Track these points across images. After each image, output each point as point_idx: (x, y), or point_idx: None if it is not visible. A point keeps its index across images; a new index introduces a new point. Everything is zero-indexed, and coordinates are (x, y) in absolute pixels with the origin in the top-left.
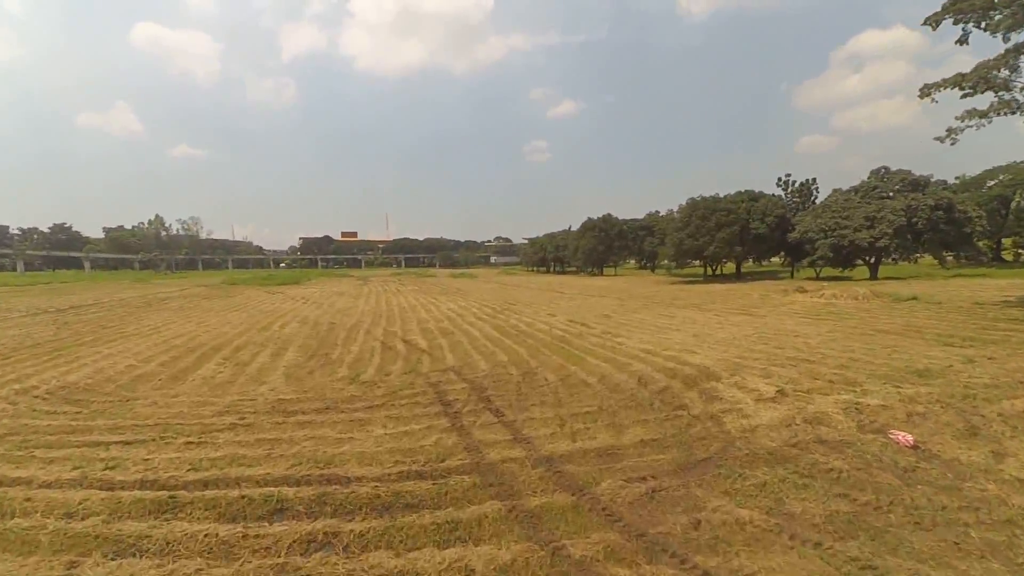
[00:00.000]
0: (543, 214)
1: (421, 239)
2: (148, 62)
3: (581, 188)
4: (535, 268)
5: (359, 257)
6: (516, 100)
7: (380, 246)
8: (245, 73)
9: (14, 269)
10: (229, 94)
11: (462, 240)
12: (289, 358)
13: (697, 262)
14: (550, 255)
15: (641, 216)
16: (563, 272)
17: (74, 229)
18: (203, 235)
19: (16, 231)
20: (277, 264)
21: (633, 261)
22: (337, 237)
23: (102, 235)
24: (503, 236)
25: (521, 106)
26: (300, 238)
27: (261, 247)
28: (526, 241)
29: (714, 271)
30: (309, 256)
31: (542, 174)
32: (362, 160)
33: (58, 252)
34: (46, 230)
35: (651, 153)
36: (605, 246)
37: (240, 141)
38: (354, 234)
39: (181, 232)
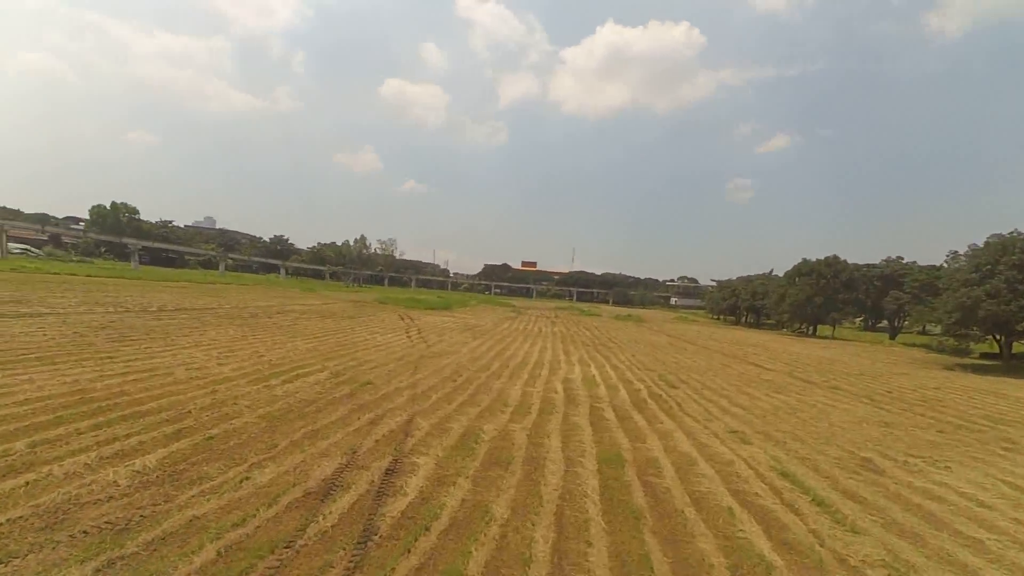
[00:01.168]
0: (737, 256)
1: (599, 273)
2: (391, 111)
3: (787, 230)
4: (721, 317)
5: (531, 286)
6: (721, 136)
7: (555, 277)
8: (465, 119)
9: (235, 269)
10: (450, 137)
11: (641, 277)
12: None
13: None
14: (743, 303)
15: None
16: (758, 326)
17: (289, 241)
18: (397, 255)
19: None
20: (456, 286)
21: (858, 320)
22: (517, 266)
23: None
24: (688, 276)
25: (726, 143)
26: (484, 264)
27: (448, 270)
28: (714, 283)
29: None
30: (486, 282)
31: (742, 213)
32: (556, 195)
33: (270, 259)
34: (267, 239)
35: (882, 191)
36: (824, 297)
37: (453, 178)
38: (533, 264)
39: (379, 251)
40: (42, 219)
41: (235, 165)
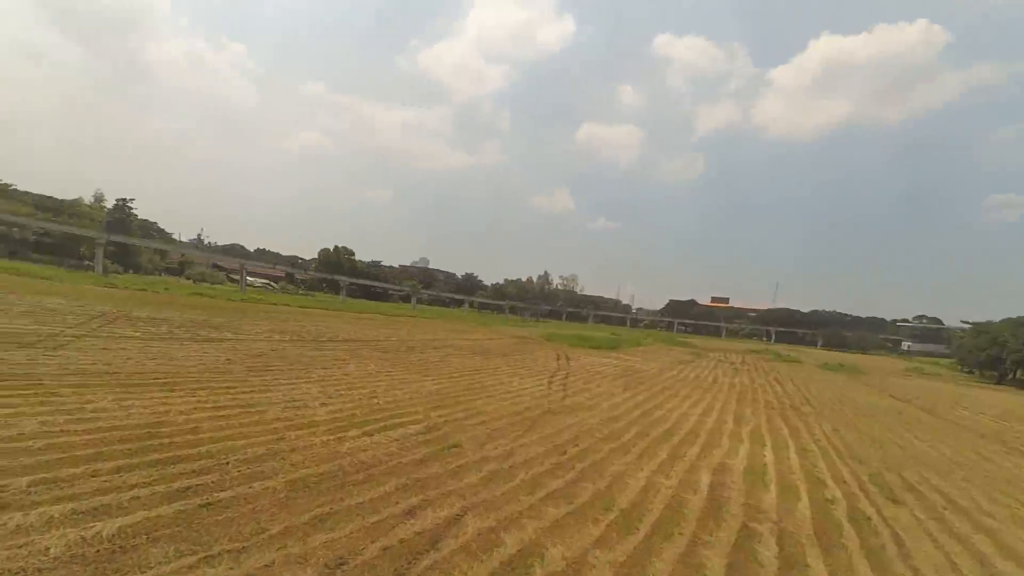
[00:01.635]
0: (1000, 290)
1: (805, 311)
2: (585, 153)
3: None
4: (976, 371)
5: (721, 324)
6: (973, 145)
7: (751, 314)
8: (658, 154)
9: (429, 303)
10: (642, 173)
11: (862, 316)
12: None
13: None
14: (1012, 354)
15: None
16: None
17: (478, 277)
18: (578, 290)
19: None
20: (636, 323)
21: None
22: (705, 301)
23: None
24: (927, 316)
25: (980, 152)
26: (669, 300)
27: (629, 305)
28: (966, 326)
29: None
30: (669, 319)
31: (1007, 236)
32: (756, 226)
33: (457, 295)
34: (460, 276)
35: None
36: None
37: (643, 213)
38: (725, 300)
39: (560, 287)
40: (275, 258)
41: (446, 213)
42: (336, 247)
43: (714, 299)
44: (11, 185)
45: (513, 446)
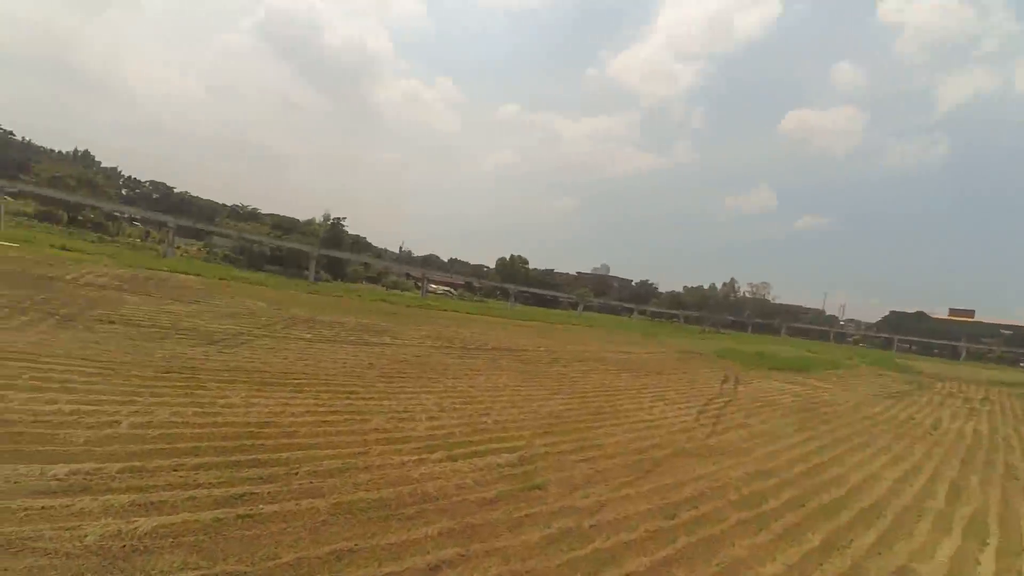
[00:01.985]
0: None
1: None
2: (790, 145)
3: None
4: None
5: (961, 344)
6: None
7: (1005, 332)
8: (886, 138)
9: (599, 311)
10: (864, 162)
11: None
12: None
13: None
14: None
15: None
16: None
17: (654, 284)
18: (770, 298)
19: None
20: (843, 338)
21: None
22: (939, 314)
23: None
24: None
25: None
26: (890, 311)
27: (836, 317)
28: None
29: None
30: (887, 334)
31: None
32: (1015, 222)
33: (627, 303)
34: (634, 283)
35: None
36: None
37: (862, 209)
38: (969, 313)
39: (748, 295)
40: (463, 267)
41: (631, 219)
42: (512, 256)
43: (953, 312)
44: (257, 209)
45: (610, 497)
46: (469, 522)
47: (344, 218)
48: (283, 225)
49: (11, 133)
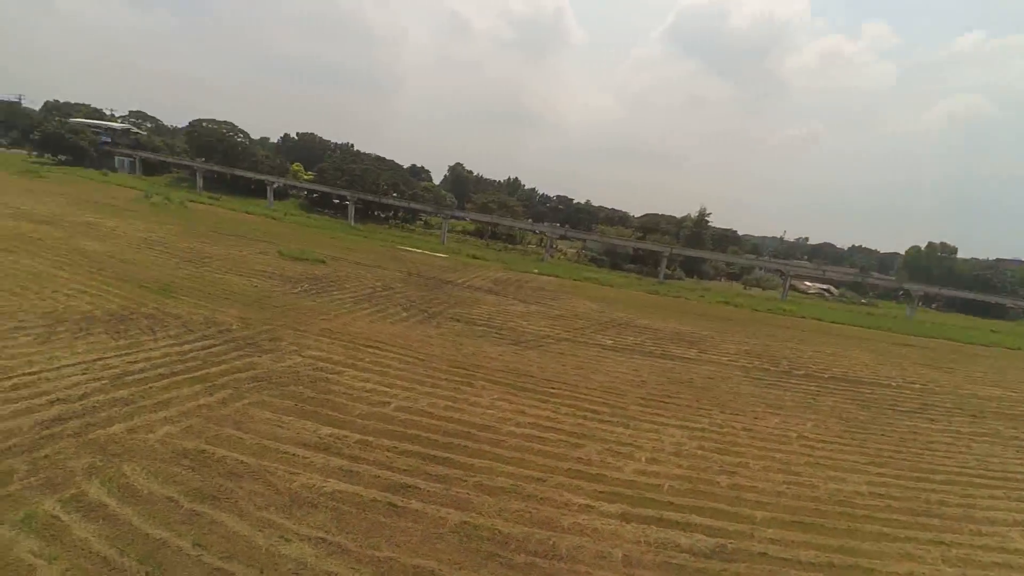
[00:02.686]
0: None
1: None
2: None
3: None
4: None
5: None
6: None
7: None
8: None
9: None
10: None
11: None
12: None
13: None
14: None
15: None
16: None
17: None
18: None
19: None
20: None
21: None
22: None
23: None
24: None
25: None
26: None
27: None
28: None
29: None
30: None
31: None
32: None
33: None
34: None
35: None
36: None
37: None
38: None
39: None
40: (870, 256)
41: None
42: (930, 244)
43: None
44: (627, 213)
45: None
46: None
47: (709, 214)
48: (647, 226)
49: (470, 172)
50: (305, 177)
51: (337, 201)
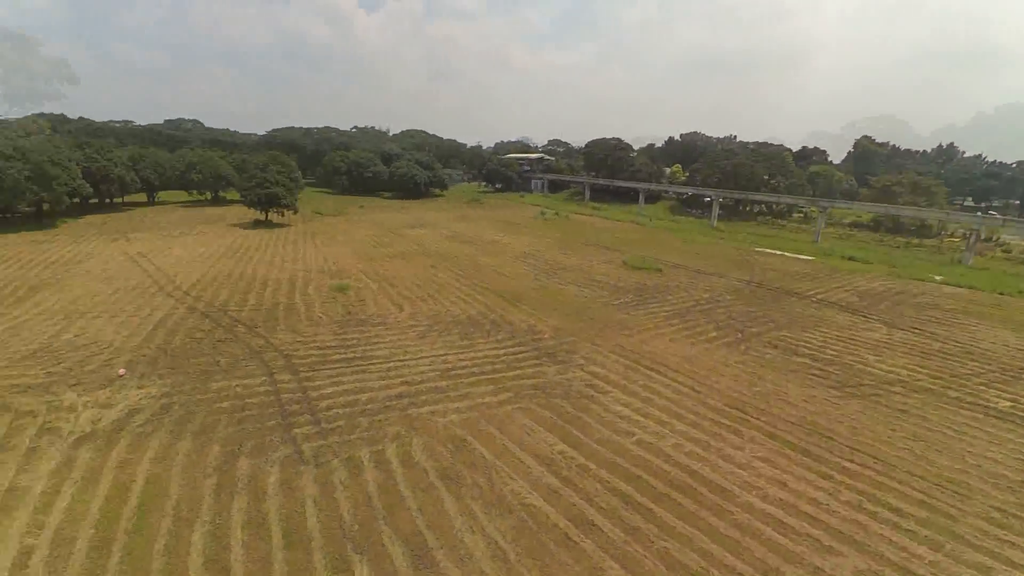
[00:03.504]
0: None
1: None
2: None
3: None
4: None
5: None
6: None
7: None
8: None
9: None
10: None
11: None
12: None
13: None
14: None
15: None
16: None
17: None
18: None
19: None
20: None
21: None
22: None
23: None
24: None
25: None
26: None
27: None
28: None
29: None
30: None
31: None
32: None
33: None
34: None
35: None
36: None
37: None
38: None
39: None
40: None
41: None
42: None
43: None
44: None
45: None
46: None
47: None
48: None
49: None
50: (681, 178)
51: (708, 200)
